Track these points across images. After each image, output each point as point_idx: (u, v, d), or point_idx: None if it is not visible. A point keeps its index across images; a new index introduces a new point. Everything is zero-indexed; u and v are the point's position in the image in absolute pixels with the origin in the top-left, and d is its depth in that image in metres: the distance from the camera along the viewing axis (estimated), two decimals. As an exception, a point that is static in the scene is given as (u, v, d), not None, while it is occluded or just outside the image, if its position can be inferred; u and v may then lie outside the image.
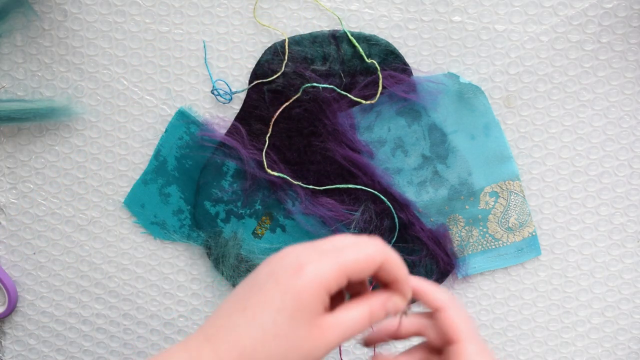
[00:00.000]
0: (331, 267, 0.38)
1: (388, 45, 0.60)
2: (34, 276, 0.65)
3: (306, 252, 0.39)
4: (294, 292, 0.38)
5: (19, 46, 0.61)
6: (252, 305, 0.38)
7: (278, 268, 0.39)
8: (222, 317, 0.39)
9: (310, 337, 0.38)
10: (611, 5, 0.59)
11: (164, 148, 0.62)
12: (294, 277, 0.38)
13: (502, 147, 0.61)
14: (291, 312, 0.38)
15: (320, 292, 0.38)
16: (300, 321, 0.38)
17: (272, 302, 0.38)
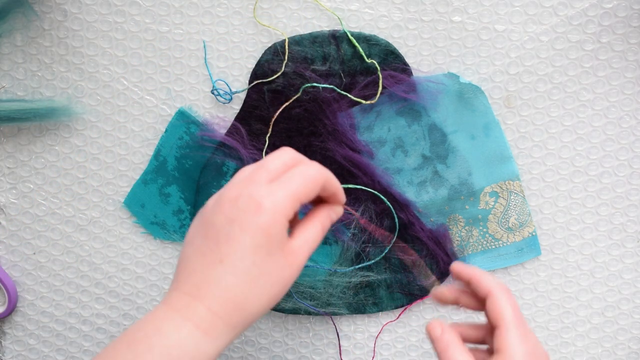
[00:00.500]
0: (286, 197, 0.41)
1: (388, 45, 0.60)
2: (34, 276, 0.65)
3: (256, 188, 0.41)
4: (263, 229, 0.40)
5: (19, 46, 0.61)
6: (227, 254, 0.40)
7: (236, 212, 0.40)
8: (197, 273, 0.41)
9: (287, 264, 0.41)
10: (611, 5, 0.59)
11: (164, 148, 0.62)
12: (256, 217, 0.40)
13: (502, 147, 0.61)
14: (266, 249, 0.40)
15: (283, 222, 0.41)
16: (275, 254, 0.41)
17: (246, 246, 0.40)
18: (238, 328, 0.41)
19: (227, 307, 0.40)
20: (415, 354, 0.64)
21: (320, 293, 0.62)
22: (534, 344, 0.43)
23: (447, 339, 0.44)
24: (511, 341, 0.42)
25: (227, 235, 0.40)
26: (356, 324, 0.64)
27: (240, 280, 0.40)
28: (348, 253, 0.62)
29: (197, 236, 0.42)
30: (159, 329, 0.40)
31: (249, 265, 0.40)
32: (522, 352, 0.42)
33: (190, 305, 0.40)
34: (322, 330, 0.64)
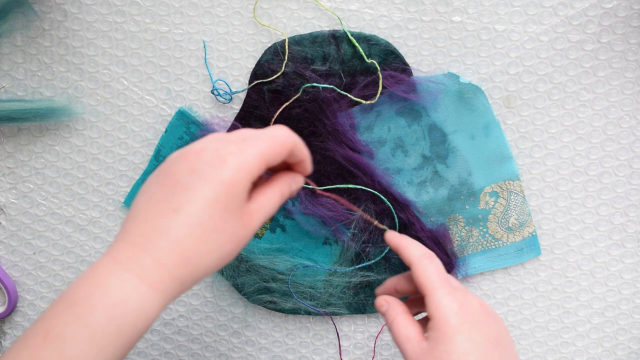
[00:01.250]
0: (253, 156, 0.39)
1: (388, 45, 0.60)
2: (34, 276, 0.65)
3: (222, 144, 0.40)
4: (224, 184, 0.38)
5: (19, 46, 0.61)
6: (182, 204, 0.38)
7: (199, 164, 0.39)
8: (147, 222, 0.39)
9: (242, 225, 0.40)
10: (611, 5, 0.59)
11: (164, 148, 0.62)
12: (219, 170, 0.38)
13: (502, 147, 0.61)
14: (224, 205, 0.39)
15: (246, 181, 0.39)
16: (233, 212, 0.39)
17: (204, 198, 0.38)
18: (186, 283, 0.39)
19: (176, 259, 0.38)
20: (415, 354, 0.64)
21: (320, 293, 0.62)
22: (462, 301, 0.42)
23: (393, 313, 0.45)
24: (438, 304, 0.42)
25: (186, 185, 0.38)
26: (356, 324, 0.64)
27: (192, 232, 0.38)
28: (348, 253, 0.62)
29: (153, 185, 0.40)
30: (102, 286, 0.37)
31: (205, 218, 0.38)
32: (452, 312, 0.42)
33: (137, 257, 0.38)
34: (322, 330, 0.64)
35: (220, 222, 0.39)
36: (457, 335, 0.41)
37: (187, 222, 0.38)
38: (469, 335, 0.41)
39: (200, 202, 0.38)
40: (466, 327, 0.41)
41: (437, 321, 0.42)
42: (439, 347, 0.41)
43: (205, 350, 0.65)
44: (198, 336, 0.65)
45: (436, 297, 0.42)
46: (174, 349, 0.65)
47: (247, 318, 0.64)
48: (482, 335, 0.42)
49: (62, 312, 0.37)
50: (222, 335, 0.65)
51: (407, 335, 0.43)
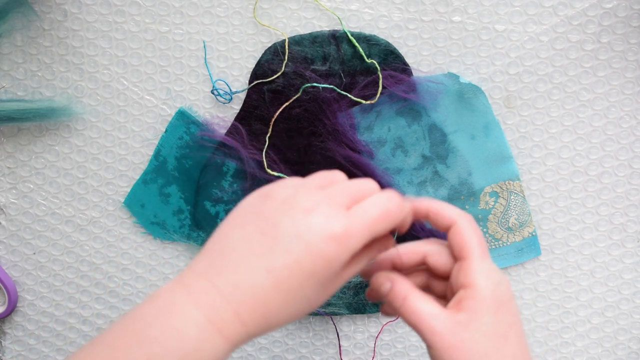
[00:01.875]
0: (363, 229, 0.37)
1: (388, 45, 0.60)
2: (34, 276, 0.65)
3: (333, 210, 0.37)
4: (327, 260, 0.36)
5: (19, 46, 0.61)
6: (278, 268, 0.36)
7: (305, 227, 0.36)
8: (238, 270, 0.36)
9: (327, 294, 0.38)
10: (611, 5, 0.59)
11: (164, 148, 0.62)
12: (325, 243, 0.36)
13: (502, 147, 0.61)
14: (321, 279, 0.36)
15: (348, 257, 0.37)
16: (325, 285, 0.37)
17: (302, 269, 0.36)
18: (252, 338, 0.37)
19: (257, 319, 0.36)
20: (415, 354, 0.64)
21: (320, 293, 0.62)
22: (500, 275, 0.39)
23: (402, 290, 0.40)
24: (483, 271, 0.38)
25: (287, 248, 0.36)
26: (356, 324, 0.64)
27: (280, 298, 0.36)
28: (348, 253, 0.62)
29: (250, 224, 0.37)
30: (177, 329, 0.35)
31: (295, 287, 0.36)
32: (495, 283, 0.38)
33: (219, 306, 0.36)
34: (322, 330, 0.64)
35: (309, 292, 0.37)
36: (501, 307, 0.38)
37: (276, 286, 0.36)
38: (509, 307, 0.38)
39: (296, 273, 0.36)
40: (507, 299, 0.38)
41: (478, 291, 0.38)
42: (482, 318, 0.37)
43: (205, 350, 0.65)
44: (198, 336, 0.65)
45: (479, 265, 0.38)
46: (174, 349, 0.65)
47: (247, 318, 0.64)
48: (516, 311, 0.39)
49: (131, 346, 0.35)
50: (222, 335, 0.65)
51: (429, 311, 0.38)
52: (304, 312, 0.37)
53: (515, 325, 0.39)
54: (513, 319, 0.38)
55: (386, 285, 0.40)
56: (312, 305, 0.38)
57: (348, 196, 0.38)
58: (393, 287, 0.40)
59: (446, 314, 0.38)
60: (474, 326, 0.37)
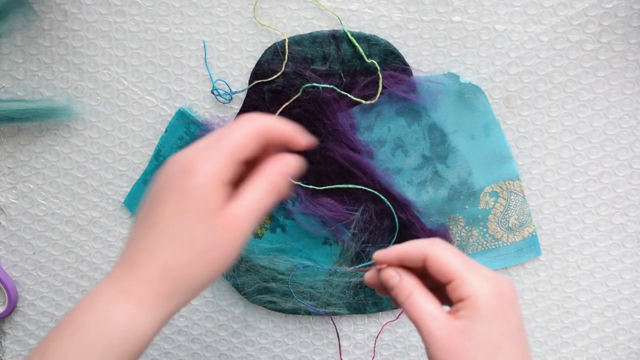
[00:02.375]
0: (218, 156, 0.38)
1: (388, 45, 0.60)
2: (34, 276, 0.65)
3: (189, 153, 0.39)
4: (190, 193, 0.38)
5: (19, 46, 0.61)
6: (157, 220, 0.38)
7: (168, 178, 0.39)
8: (132, 242, 0.40)
9: (224, 231, 0.38)
10: (611, 5, 0.59)
11: (164, 148, 0.62)
12: (185, 180, 0.38)
13: (502, 147, 0.61)
14: (195, 214, 0.38)
15: (215, 185, 0.38)
16: (206, 219, 0.38)
17: (174, 211, 0.38)
18: (175, 298, 0.39)
19: (157, 274, 0.38)
20: (415, 354, 0.64)
21: (320, 293, 0.62)
22: (495, 283, 0.40)
23: (408, 286, 0.41)
24: (472, 285, 0.39)
25: (157, 202, 0.39)
26: (356, 324, 0.64)
27: (169, 247, 0.38)
28: (348, 253, 0.62)
29: (142, 206, 0.41)
30: (92, 306, 0.39)
31: (177, 231, 0.38)
32: (488, 293, 0.39)
33: (123, 277, 0.39)
34: (322, 330, 0.64)
35: (195, 232, 0.38)
36: (495, 316, 0.39)
37: (161, 236, 0.38)
38: (505, 317, 0.39)
39: (170, 216, 0.38)
40: (503, 309, 0.39)
41: (474, 301, 0.39)
42: (476, 327, 0.38)
43: (205, 350, 0.65)
44: (198, 336, 0.65)
45: (468, 278, 0.39)
46: (174, 349, 0.65)
47: (247, 318, 0.64)
48: (514, 319, 0.40)
49: (57, 333, 0.39)
50: (222, 335, 0.65)
51: (430, 312, 0.40)
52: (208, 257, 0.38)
53: (511, 335, 0.39)
54: (509, 328, 0.39)
55: (395, 279, 0.41)
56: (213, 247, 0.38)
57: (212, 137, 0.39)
58: (400, 282, 0.41)
59: (444, 317, 0.39)
60: (467, 335, 0.38)
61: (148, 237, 0.39)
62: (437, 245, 0.41)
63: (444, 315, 0.39)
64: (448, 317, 0.39)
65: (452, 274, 0.40)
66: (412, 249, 0.41)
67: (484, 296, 0.39)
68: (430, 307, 0.40)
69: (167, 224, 0.38)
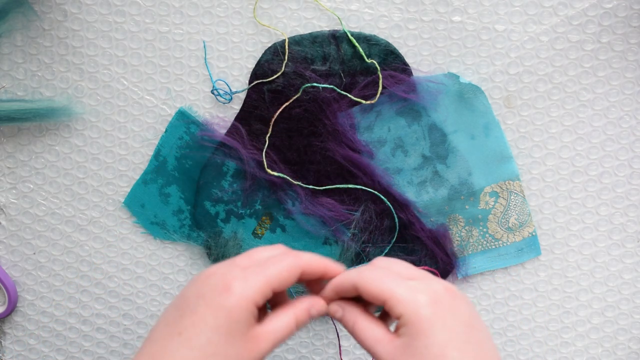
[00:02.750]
0: (257, 282, 0.41)
1: (388, 45, 0.60)
2: (34, 276, 0.65)
3: (230, 270, 0.42)
4: (226, 310, 0.40)
5: (19, 46, 0.61)
6: (186, 327, 0.40)
7: (206, 289, 0.41)
8: (156, 343, 0.41)
9: (246, 349, 0.41)
10: (611, 5, 0.59)
11: (164, 148, 0.62)
12: (223, 296, 0.40)
13: (502, 147, 0.61)
14: (226, 330, 0.40)
15: (250, 307, 0.41)
16: (235, 337, 0.40)
17: (206, 323, 0.40)
18: None
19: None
20: (415, 354, 0.64)
21: (320, 293, 0.62)
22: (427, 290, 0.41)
23: (351, 317, 0.43)
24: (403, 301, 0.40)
25: (192, 309, 0.40)
26: (356, 324, 0.64)
27: (193, 355, 0.39)
28: (348, 253, 0.62)
29: (171, 306, 0.42)
30: None
31: (204, 342, 0.40)
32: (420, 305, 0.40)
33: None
34: (322, 330, 0.64)
35: (221, 347, 0.40)
36: (432, 326, 0.39)
37: (189, 345, 0.40)
38: (444, 323, 0.40)
39: (202, 327, 0.40)
40: (439, 316, 0.40)
41: (408, 317, 0.40)
42: (416, 342, 0.39)
43: (205, 350, 0.65)
44: (198, 336, 0.65)
45: (398, 296, 0.40)
46: (174, 349, 0.65)
47: (247, 318, 0.64)
48: (456, 321, 0.40)
49: None
50: (222, 335, 0.65)
51: (374, 336, 0.42)
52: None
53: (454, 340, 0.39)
54: (450, 334, 0.39)
55: (338, 313, 0.44)
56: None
57: (251, 259, 0.43)
58: (344, 314, 0.44)
59: (389, 339, 0.41)
60: (409, 351, 0.40)
61: (175, 342, 0.40)
62: (363, 272, 0.43)
63: (388, 337, 0.41)
64: (392, 337, 0.41)
65: (382, 296, 0.41)
66: (343, 282, 0.44)
67: (416, 309, 0.40)
68: (374, 332, 0.42)
69: (198, 334, 0.40)
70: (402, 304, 0.40)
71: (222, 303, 0.40)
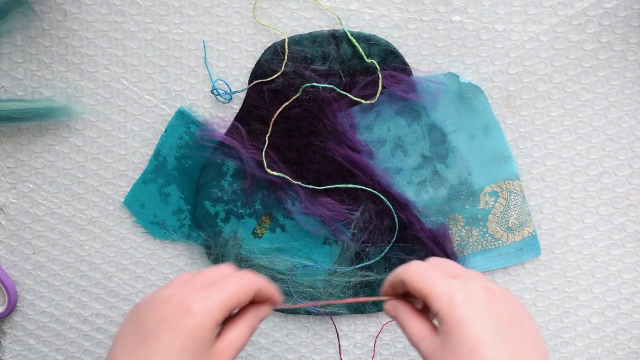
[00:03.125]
0: (217, 302, 0.43)
1: (388, 45, 0.60)
2: (34, 276, 0.65)
3: (188, 292, 0.43)
4: (190, 331, 0.41)
5: (19, 46, 0.61)
6: (153, 354, 0.41)
7: (166, 314, 0.42)
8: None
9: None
10: (611, 5, 0.59)
11: (164, 148, 0.62)
12: (186, 319, 0.41)
13: (502, 147, 0.61)
14: (192, 351, 0.41)
15: (212, 326, 0.42)
16: (201, 356, 0.42)
17: (172, 347, 0.41)
18: None
19: None
20: (415, 354, 0.64)
21: (320, 293, 0.62)
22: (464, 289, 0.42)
23: (402, 316, 0.45)
24: (440, 299, 0.42)
25: (155, 335, 0.41)
26: (356, 324, 0.64)
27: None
28: (348, 253, 0.62)
29: (127, 332, 0.43)
30: None
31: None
32: (455, 303, 0.41)
33: None
34: (322, 330, 0.64)
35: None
36: (465, 324, 0.40)
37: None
38: (477, 321, 0.41)
39: (168, 352, 0.41)
40: (473, 315, 0.41)
41: (444, 315, 0.41)
42: (451, 340, 0.41)
43: (205, 350, 0.65)
44: (198, 336, 0.65)
45: (435, 293, 0.42)
46: (174, 349, 0.65)
47: (247, 318, 0.64)
48: (492, 319, 0.41)
49: None
50: (222, 335, 0.65)
51: (418, 334, 0.44)
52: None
53: (486, 338, 0.40)
54: (483, 332, 0.40)
55: (392, 312, 0.47)
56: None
57: (204, 280, 0.45)
58: (396, 313, 0.46)
59: (430, 337, 0.43)
60: (446, 348, 0.41)
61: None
62: (410, 267, 0.45)
63: (430, 334, 0.43)
64: (433, 334, 0.43)
65: (422, 292, 0.43)
66: (395, 276, 0.46)
67: (452, 307, 0.41)
68: (419, 329, 0.44)
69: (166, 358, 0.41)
70: (438, 301, 0.42)
71: (185, 325, 0.41)
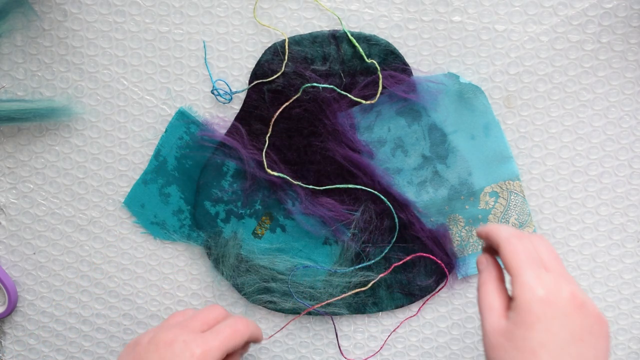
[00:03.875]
0: (216, 347, 0.47)
1: (388, 45, 0.60)
2: (34, 276, 0.65)
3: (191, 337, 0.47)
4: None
5: (19, 46, 0.61)
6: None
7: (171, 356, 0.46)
8: None
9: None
10: (611, 5, 0.59)
11: (164, 148, 0.62)
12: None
13: (502, 147, 0.61)
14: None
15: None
16: None
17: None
18: None
19: None
20: (415, 354, 0.64)
21: (320, 293, 0.62)
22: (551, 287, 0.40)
23: (486, 276, 0.44)
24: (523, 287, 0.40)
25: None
26: (356, 324, 0.64)
27: None
28: (348, 253, 0.62)
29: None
30: None
31: None
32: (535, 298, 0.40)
33: None
34: (322, 330, 0.64)
35: None
36: (536, 323, 0.39)
37: None
38: (549, 325, 0.39)
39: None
40: (548, 317, 0.39)
41: (519, 304, 0.40)
42: (516, 330, 0.40)
43: (205, 350, 0.65)
44: (198, 336, 0.65)
45: (521, 279, 0.41)
46: (174, 349, 0.65)
47: (247, 318, 0.64)
48: (565, 329, 0.40)
49: None
50: (222, 335, 0.65)
51: (490, 304, 0.42)
52: None
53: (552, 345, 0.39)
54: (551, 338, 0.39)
55: (482, 265, 0.46)
56: None
57: (202, 323, 0.50)
58: (483, 270, 0.45)
59: (499, 314, 0.42)
60: (508, 335, 0.40)
61: None
62: (510, 238, 0.43)
63: (499, 312, 0.42)
64: (504, 314, 0.41)
65: (511, 270, 0.42)
66: (494, 234, 0.45)
67: (529, 301, 0.40)
68: (493, 301, 0.42)
69: None
70: (520, 288, 0.41)
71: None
